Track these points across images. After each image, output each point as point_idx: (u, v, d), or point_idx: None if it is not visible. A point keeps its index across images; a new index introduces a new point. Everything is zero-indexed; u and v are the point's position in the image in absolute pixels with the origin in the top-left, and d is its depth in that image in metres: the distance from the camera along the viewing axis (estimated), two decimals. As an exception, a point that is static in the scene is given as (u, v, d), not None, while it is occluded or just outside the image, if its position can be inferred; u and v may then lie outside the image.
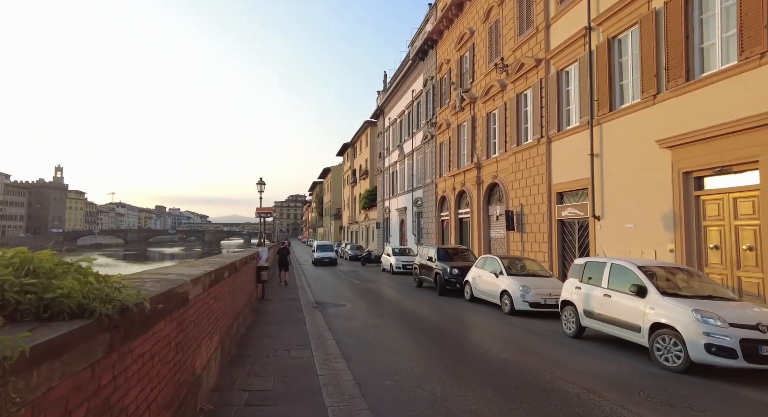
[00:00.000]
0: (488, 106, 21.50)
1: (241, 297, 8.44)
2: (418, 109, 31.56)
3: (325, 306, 12.78)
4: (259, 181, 19.33)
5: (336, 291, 16.84)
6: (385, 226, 39.65)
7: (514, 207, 18.88)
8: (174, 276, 3.83)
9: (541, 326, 10.27)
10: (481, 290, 13.19)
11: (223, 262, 6.44)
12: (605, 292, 8.20)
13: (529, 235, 17.88)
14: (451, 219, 25.37)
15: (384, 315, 11.42)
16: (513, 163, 19.04)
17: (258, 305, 11.82)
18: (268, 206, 17.08)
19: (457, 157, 24.64)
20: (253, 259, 11.19)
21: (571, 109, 15.99)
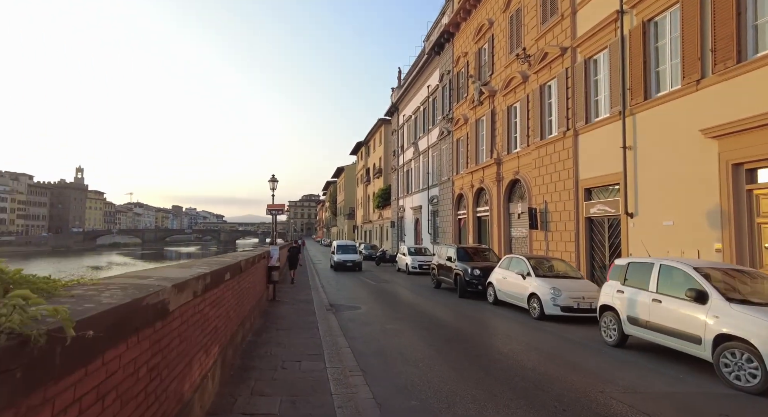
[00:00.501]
0: (509, 99, 20.49)
1: (248, 300, 7.69)
2: (433, 105, 30.62)
3: (339, 308, 11.99)
4: (272, 178, 18.63)
5: (350, 292, 16.05)
6: (400, 225, 38.79)
7: (537, 204, 17.87)
8: (153, 280, 3.05)
9: (576, 333, 9.31)
10: (506, 293, 12.27)
11: (225, 262, 5.68)
12: (654, 296, 7.23)
13: (554, 234, 16.86)
14: (468, 217, 24.40)
15: (402, 319, 10.57)
16: (536, 158, 18.02)
17: (268, 307, 11.08)
18: (280, 203, 16.52)
19: (476, 153, 23.66)
20: (263, 259, 10.46)
21: (600, 99, 14.94)
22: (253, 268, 8.31)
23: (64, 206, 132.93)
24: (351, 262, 25.56)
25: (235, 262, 5.81)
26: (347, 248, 27.14)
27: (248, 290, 7.62)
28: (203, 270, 4.22)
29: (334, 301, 13.50)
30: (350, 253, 26.28)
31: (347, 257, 25.74)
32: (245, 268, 6.88)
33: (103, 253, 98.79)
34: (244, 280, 7.12)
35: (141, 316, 2.41)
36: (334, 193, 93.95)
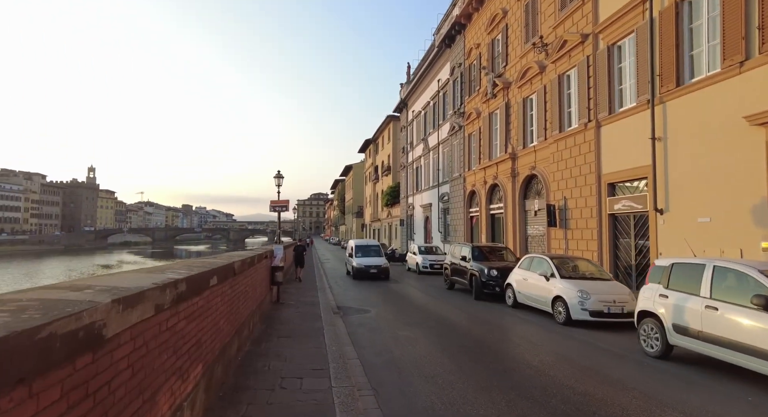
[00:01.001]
0: (524, 91, 19.47)
1: (246, 306, 6.85)
2: (444, 100, 29.63)
3: (347, 312, 11.13)
4: (277, 174, 17.83)
5: (359, 293, 15.18)
6: (409, 223, 37.86)
7: (555, 200, 16.86)
8: (89, 293, 2.20)
9: (609, 341, 8.35)
10: (526, 295, 11.32)
11: (214, 263, 4.83)
12: (707, 303, 6.26)
13: (575, 232, 15.85)
14: (481, 215, 23.41)
15: (416, 324, 9.67)
16: (554, 151, 17.00)
17: (271, 311, 10.24)
18: (284, 200, 15.58)
19: (489, 148, 22.65)
20: (264, 258, 9.62)
21: (625, 87, 13.90)
22: (251, 270, 7.47)
23: (76, 205, 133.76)
24: (376, 268, 19.60)
25: (225, 264, 4.96)
26: (369, 249, 21.17)
27: (245, 294, 6.78)
28: (176, 275, 3.35)
29: (341, 303, 12.64)
30: (373, 256, 20.59)
31: (370, 261, 19.89)
32: (240, 270, 6.03)
33: (114, 252, 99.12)
34: (240, 283, 6.27)
35: (38, 355, 1.54)
36: (342, 191, 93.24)
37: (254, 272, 7.98)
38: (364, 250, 20.94)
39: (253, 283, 7.86)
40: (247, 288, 7.11)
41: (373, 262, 19.85)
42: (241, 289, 6.41)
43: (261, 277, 9.20)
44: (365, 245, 21.63)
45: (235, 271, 5.52)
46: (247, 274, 6.96)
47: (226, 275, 5.06)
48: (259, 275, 8.72)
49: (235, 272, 5.53)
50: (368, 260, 19.88)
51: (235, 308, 5.93)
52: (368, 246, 21.64)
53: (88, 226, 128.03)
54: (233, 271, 5.45)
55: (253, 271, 7.72)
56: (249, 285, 7.29)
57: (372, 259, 20.03)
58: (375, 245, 22.08)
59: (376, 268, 19.64)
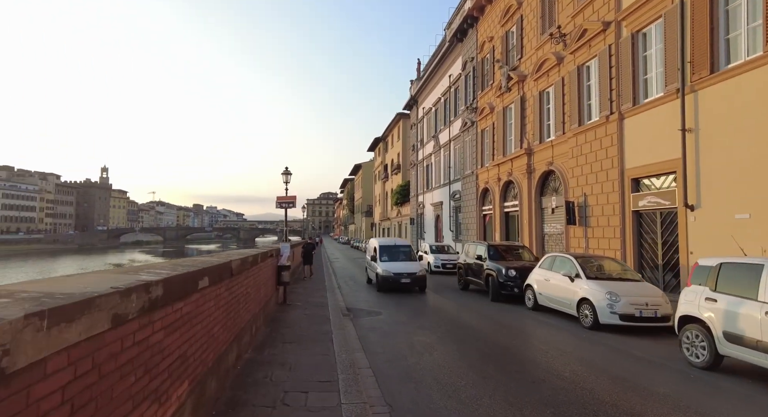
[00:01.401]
0: (541, 84, 18.65)
1: (247, 309, 6.22)
2: (456, 95, 28.86)
3: (357, 314, 10.47)
4: (285, 170, 17.23)
5: (370, 293, 14.51)
6: (419, 222, 37.14)
7: (575, 197, 16.04)
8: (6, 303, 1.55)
9: (644, 348, 7.59)
10: (548, 297, 10.56)
11: (208, 262, 4.20)
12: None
13: (595, 230, 15.03)
14: (495, 213, 22.62)
15: (431, 328, 8.98)
16: (573, 146, 16.18)
17: (277, 313, 9.62)
18: (290, 196, 14.59)
19: (503, 144, 21.85)
20: (269, 257, 9.00)
21: (651, 77, 13.06)
22: (254, 270, 6.85)
23: (90, 205, 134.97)
24: (409, 277, 14.74)
25: (220, 263, 4.31)
26: (397, 251, 16.19)
27: (246, 297, 6.15)
28: (151, 277, 2.71)
29: (351, 304, 11.99)
30: (404, 260, 15.73)
31: (400, 267, 15.09)
32: (240, 270, 5.39)
33: (126, 251, 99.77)
34: (240, 284, 5.64)
35: None
36: (351, 190, 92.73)
37: (257, 272, 7.35)
38: (392, 253, 15.95)
39: (257, 284, 7.24)
40: (249, 289, 6.48)
41: (404, 268, 14.90)
42: (242, 291, 5.77)
43: (266, 277, 8.58)
44: (392, 245, 16.63)
45: (232, 272, 4.89)
46: (249, 275, 6.33)
47: (221, 276, 4.42)
48: (263, 275, 8.10)
49: (232, 272, 4.89)
50: (398, 266, 15.15)
51: (234, 312, 5.30)
52: (396, 247, 16.55)
53: (101, 226, 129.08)
54: (230, 272, 4.81)
55: (256, 270, 7.09)
56: (251, 286, 6.66)
57: (403, 265, 15.21)
58: (405, 246, 16.95)
59: (408, 276, 14.64)
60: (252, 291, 6.72)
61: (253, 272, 6.84)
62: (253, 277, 6.78)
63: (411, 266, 15.13)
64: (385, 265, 15.19)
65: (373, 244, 17.07)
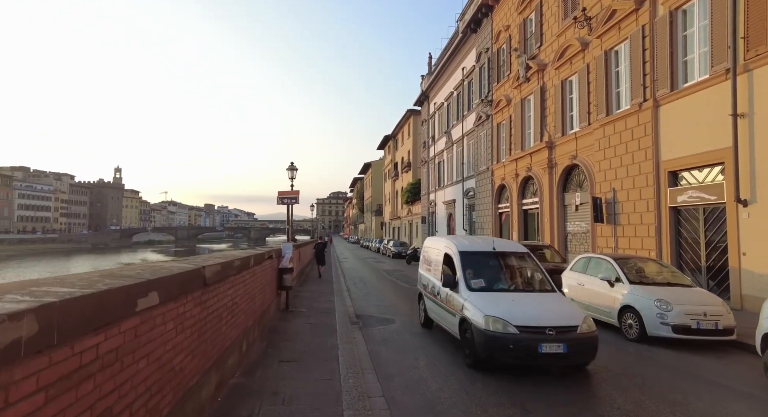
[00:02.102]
0: (563, 72, 17.32)
1: (233, 324, 5.08)
2: (469, 88, 27.56)
3: (367, 321, 9.30)
4: (290, 165, 16.14)
5: (381, 297, 13.34)
6: (431, 220, 35.88)
7: (602, 193, 14.72)
8: None
9: (711, 369, 6.30)
10: (583, 304, 9.29)
11: (166, 270, 3.08)
12: None
13: (626, 228, 13.70)
14: (513, 211, 21.31)
15: (454, 340, 7.77)
16: (600, 138, 14.85)
17: (278, 321, 8.49)
18: (293, 190, 13.04)
19: (521, 138, 20.54)
20: (269, 259, 7.87)
21: (692, 58, 11.71)
22: (246, 275, 5.72)
23: (103, 205, 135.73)
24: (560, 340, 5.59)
25: (182, 272, 3.18)
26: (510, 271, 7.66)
27: (233, 309, 5.02)
28: (17, 306, 1.57)
29: (360, 310, 10.83)
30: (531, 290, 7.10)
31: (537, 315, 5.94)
32: (218, 278, 4.24)
33: (138, 251, 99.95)
34: (221, 295, 4.50)
35: None
36: (361, 189, 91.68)
37: (251, 278, 6.23)
38: (495, 273, 7.41)
39: (249, 292, 6.10)
40: (239, 299, 5.35)
41: (544, 317, 5.95)
42: (225, 304, 4.64)
43: (263, 283, 7.45)
44: (493, 253, 7.67)
45: (206, 280, 3.74)
46: (237, 282, 5.20)
47: (186, 288, 3.28)
48: (259, 280, 6.97)
49: (206, 282, 3.75)
50: (527, 310, 6.11)
51: (213, 332, 4.16)
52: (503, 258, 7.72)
53: (113, 225, 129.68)
54: (202, 281, 3.67)
55: (248, 276, 5.96)
56: (241, 295, 5.52)
57: (537, 306, 6.33)
58: (521, 253, 7.95)
59: (559, 335, 5.68)
60: (243, 301, 5.59)
61: (245, 278, 5.71)
62: (243, 284, 5.65)
63: (559, 310, 6.28)
64: (487, 303, 6.23)
65: (442, 249, 8.10)
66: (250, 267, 5.98)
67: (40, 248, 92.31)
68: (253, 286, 6.37)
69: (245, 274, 5.77)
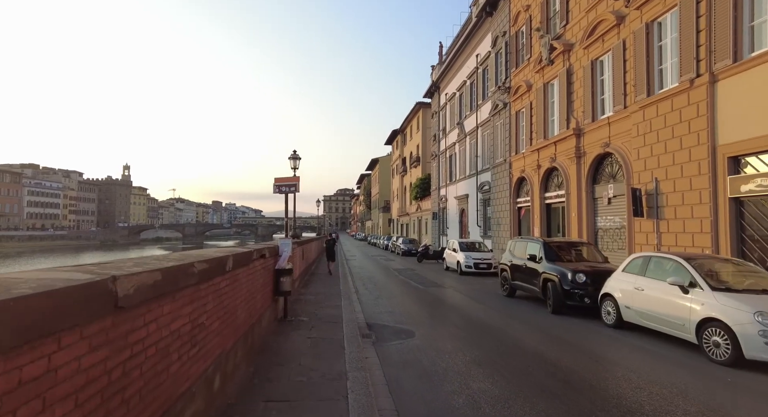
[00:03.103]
0: (593, 51, 15.53)
1: (197, 357, 3.47)
2: (484, 76, 25.77)
3: (381, 334, 7.67)
4: (293, 154, 14.56)
5: (394, 301, 11.68)
6: (442, 216, 34.18)
7: (641, 184, 12.95)
8: None
9: None
10: (642, 312, 7.59)
11: (55, 283, 1.48)
12: None
13: (672, 223, 11.93)
14: (534, 205, 19.55)
15: (492, 363, 6.10)
16: (639, 122, 13.07)
17: (272, 336, 6.88)
18: (292, 177, 11.01)
19: (544, 126, 18.76)
20: (261, 258, 6.25)
21: (760, 24, 9.90)
22: (220, 283, 4.12)
23: (111, 202, 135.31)
24: None
25: (72, 286, 1.57)
26: None
27: (193, 335, 3.40)
28: None
29: (372, 317, 9.19)
30: None
31: None
32: (150, 294, 2.62)
33: (146, 247, 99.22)
34: (167, 318, 2.88)
35: None
36: (368, 186, 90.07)
37: (232, 285, 4.61)
38: None
39: (228, 305, 4.48)
40: (206, 319, 3.72)
41: None
42: (175, 330, 3.01)
43: (252, 288, 5.83)
44: None
45: (117, 301, 2.11)
46: (199, 295, 3.56)
47: (58, 322, 1.65)
48: (245, 287, 5.35)
49: (118, 303, 2.12)
50: None
51: (142, 383, 2.54)
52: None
53: (122, 222, 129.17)
54: (109, 302, 2.04)
55: (226, 283, 4.35)
56: (212, 311, 3.90)
57: None
58: None
59: None
60: (214, 320, 3.96)
61: (218, 288, 4.09)
62: (216, 296, 4.02)
63: None
64: None
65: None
66: (227, 272, 4.35)
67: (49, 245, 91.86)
68: (234, 296, 4.75)
69: (220, 281, 4.15)
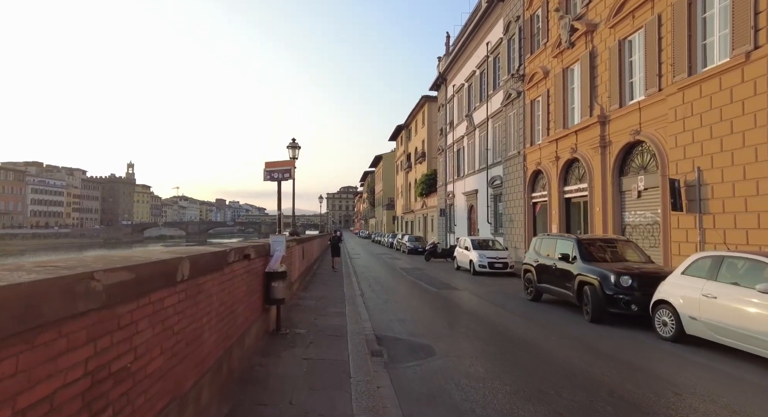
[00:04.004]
0: (621, 30, 14.04)
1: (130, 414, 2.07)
2: (495, 65, 24.28)
3: (394, 351, 6.26)
4: (291, 142, 13.18)
5: (405, 307, 10.26)
6: (449, 213, 32.74)
7: (680, 174, 11.48)
8: None
9: None
10: (716, 325, 6.14)
11: None
12: None
13: (720, 218, 10.47)
14: (552, 200, 18.09)
15: (543, 396, 4.68)
16: (678, 104, 11.59)
17: (260, 357, 5.48)
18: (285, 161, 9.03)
19: (563, 114, 17.29)
20: (240, 260, 4.86)
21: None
22: (175, 297, 2.75)
23: (115, 200, 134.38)
24: None
25: None
26: None
27: (119, 379, 2.03)
28: None
29: (382, 327, 7.77)
30: None
31: None
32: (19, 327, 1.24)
33: (149, 245, 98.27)
34: (47, 368, 1.50)
35: None
36: (371, 183, 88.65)
37: (194, 299, 3.22)
38: None
39: (187, 330, 3.08)
40: (140, 359, 2.33)
41: None
42: (69, 381, 1.61)
43: (232, 299, 4.44)
44: None
45: None
46: (113, 325, 2.16)
47: None
48: (217, 300, 3.94)
49: None
50: None
51: None
52: None
53: (125, 220, 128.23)
54: None
55: (185, 295, 2.97)
56: (162, 340, 2.52)
57: None
58: None
59: None
60: (147, 360, 2.55)
61: (161, 307, 2.68)
62: (154, 321, 2.62)
63: None
64: None
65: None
66: (181, 281, 2.94)
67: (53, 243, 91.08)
68: (195, 315, 3.34)
69: (166, 297, 2.74)
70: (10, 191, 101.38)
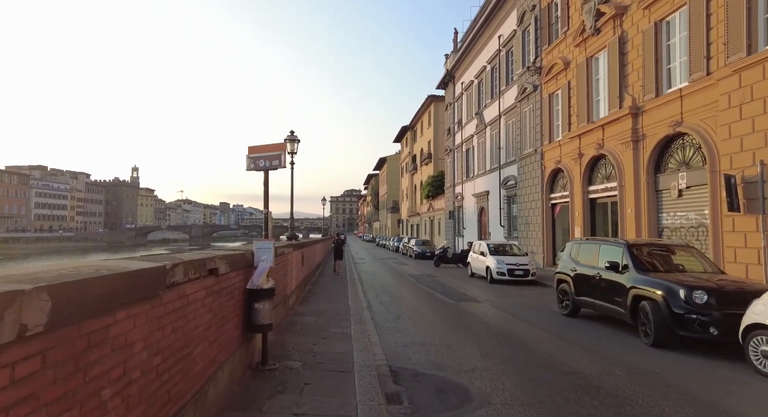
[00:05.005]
0: (658, 10, 12.49)
1: None
2: (508, 59, 22.75)
3: (417, 395, 4.68)
4: (290, 135, 11.68)
5: (422, 325, 8.65)
6: (458, 216, 31.14)
7: (736, 169, 9.89)
8: None
9: None
10: None
11: None
12: None
13: (790, 220, 8.85)
14: (574, 201, 16.48)
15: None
16: (733, 90, 10.01)
17: (232, 414, 3.93)
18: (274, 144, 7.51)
19: (587, 108, 15.72)
20: (206, 277, 3.35)
21: None
22: None
23: (118, 203, 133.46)
24: None
25: None
26: None
27: None
28: None
29: (396, 357, 6.18)
30: None
31: None
32: None
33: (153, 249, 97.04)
34: None
35: None
36: (375, 186, 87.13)
37: (72, 363, 1.68)
38: None
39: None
40: None
41: None
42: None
43: (182, 340, 2.93)
44: None
45: None
46: None
47: None
48: (143, 347, 2.42)
49: None
50: None
51: None
52: None
53: (129, 224, 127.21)
54: None
55: (38, 362, 1.41)
56: None
57: None
58: None
59: None
60: None
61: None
62: None
63: None
64: None
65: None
66: (42, 333, 1.40)
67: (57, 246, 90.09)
68: (92, 381, 1.79)
69: None
70: (14, 195, 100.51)
